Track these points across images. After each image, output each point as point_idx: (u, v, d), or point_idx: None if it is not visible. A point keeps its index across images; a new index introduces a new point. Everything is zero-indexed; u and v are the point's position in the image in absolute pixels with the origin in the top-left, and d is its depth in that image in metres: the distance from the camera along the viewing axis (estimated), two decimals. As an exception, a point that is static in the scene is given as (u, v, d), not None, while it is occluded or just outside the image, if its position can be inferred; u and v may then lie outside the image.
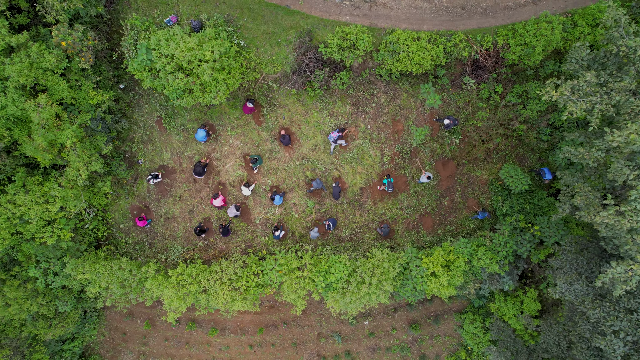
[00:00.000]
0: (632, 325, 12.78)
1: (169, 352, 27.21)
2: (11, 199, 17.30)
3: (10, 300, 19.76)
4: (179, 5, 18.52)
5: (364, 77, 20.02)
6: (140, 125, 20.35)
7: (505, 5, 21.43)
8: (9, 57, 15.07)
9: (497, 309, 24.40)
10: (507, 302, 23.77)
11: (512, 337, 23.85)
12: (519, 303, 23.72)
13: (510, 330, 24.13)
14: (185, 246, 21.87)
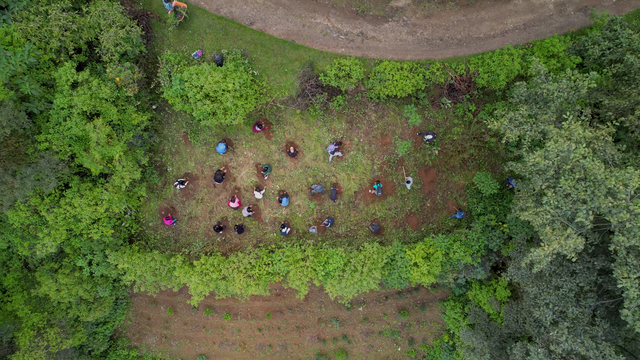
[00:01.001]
0: (558, 298, 17.09)
1: (187, 335, 31.66)
2: (69, 202, 21.71)
3: (62, 285, 24.21)
4: (204, 42, 22.95)
5: (357, 99, 24.43)
6: (169, 139, 24.79)
7: (477, 36, 25.86)
8: (74, 90, 19.48)
9: (474, 297, 28.74)
10: (482, 290, 28.13)
11: (486, 321, 28.14)
12: (492, 291, 28.08)
13: (485, 315, 28.43)
14: (205, 241, 26.31)
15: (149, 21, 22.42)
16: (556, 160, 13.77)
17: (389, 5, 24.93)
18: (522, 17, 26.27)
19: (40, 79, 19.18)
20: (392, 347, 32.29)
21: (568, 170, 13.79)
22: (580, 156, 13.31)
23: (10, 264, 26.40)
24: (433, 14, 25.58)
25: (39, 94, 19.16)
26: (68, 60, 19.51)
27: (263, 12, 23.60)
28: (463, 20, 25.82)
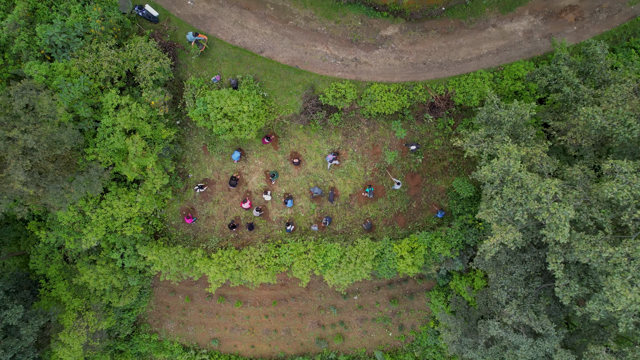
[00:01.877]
0: (511, 282, 21.70)
1: (202, 321, 36.36)
2: (109, 203, 26.39)
3: (100, 275, 28.91)
4: (221, 67, 27.59)
5: (351, 115, 29.07)
6: (191, 150, 29.45)
7: (456, 60, 30.49)
8: (117, 111, 24.14)
9: (455, 286, 33.34)
10: (461, 281, 32.73)
11: (466, 307, 32.73)
12: (470, 281, 32.70)
13: (465, 302, 33.02)
14: (221, 237, 30.99)
15: (175, 51, 27.06)
16: (500, 173, 18.35)
17: (379, 34, 29.56)
18: (495, 43, 30.92)
19: (90, 102, 23.83)
20: (384, 332, 36.91)
21: (509, 180, 18.35)
22: (517, 170, 17.86)
23: (52, 257, 31.09)
24: (417, 41, 30.22)
25: (89, 115, 23.82)
26: (112, 87, 24.16)
27: (271, 41, 28.24)
28: (443, 46, 30.47)
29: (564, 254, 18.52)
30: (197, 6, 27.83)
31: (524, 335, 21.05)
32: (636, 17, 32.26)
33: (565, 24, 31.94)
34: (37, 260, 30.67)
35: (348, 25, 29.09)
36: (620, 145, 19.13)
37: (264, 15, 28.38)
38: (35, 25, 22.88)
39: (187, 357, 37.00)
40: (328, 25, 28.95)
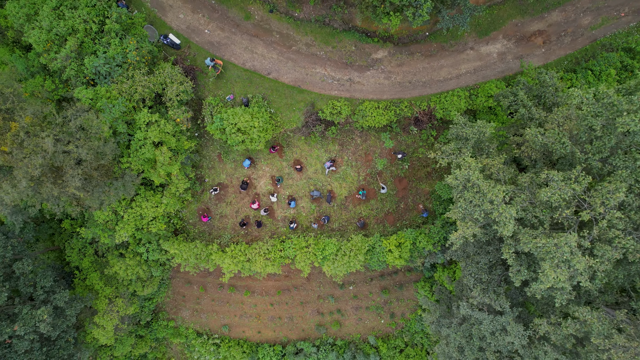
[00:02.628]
0: (477, 269, 26.68)
1: (214, 309, 41.42)
2: (139, 204, 31.44)
3: (128, 266, 33.98)
4: (234, 87, 32.64)
5: (346, 128, 34.13)
6: (207, 158, 34.51)
7: (438, 79, 35.52)
8: (148, 127, 29.19)
9: (439, 277, 38.38)
10: (444, 272, 37.80)
11: (448, 296, 37.74)
12: (452, 273, 37.75)
13: (447, 292, 38.04)
14: (232, 234, 36.05)
15: (195, 73, 32.11)
16: (462, 180, 23.34)
17: (370, 57, 34.59)
18: (473, 63, 35.96)
19: (126, 120, 28.87)
20: (377, 319, 41.96)
21: (470, 186, 23.31)
22: (475, 178, 22.80)
23: (84, 251, 36.15)
24: (404, 63, 35.26)
25: (125, 130, 28.87)
26: (144, 107, 29.22)
27: (277, 64, 33.29)
28: (427, 67, 35.51)
29: (515, 245, 23.51)
30: (213, 34, 32.88)
31: (486, 313, 26.09)
32: (596, 40, 37.36)
33: (534, 47, 36.99)
34: (72, 254, 35.74)
35: (343, 50, 34.12)
36: (560, 157, 24.12)
37: (271, 41, 33.42)
38: (83, 57, 27.93)
39: (201, 342, 42.08)
40: (326, 50, 33.99)
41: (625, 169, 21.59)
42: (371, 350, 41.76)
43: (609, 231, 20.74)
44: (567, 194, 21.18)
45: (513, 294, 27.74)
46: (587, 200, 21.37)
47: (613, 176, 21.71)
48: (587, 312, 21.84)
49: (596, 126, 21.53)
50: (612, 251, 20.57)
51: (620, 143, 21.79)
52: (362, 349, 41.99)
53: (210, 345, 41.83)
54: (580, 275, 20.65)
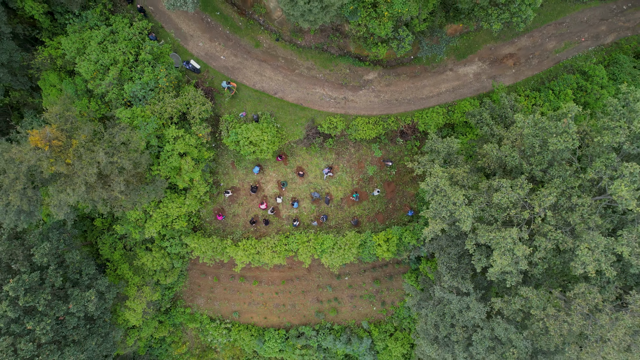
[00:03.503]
0: (449, 259, 33.13)
1: (226, 297, 47.89)
2: (165, 205, 37.93)
3: (154, 258, 40.47)
4: (246, 105, 39.11)
5: (341, 140, 40.61)
6: (222, 165, 41.00)
7: (421, 97, 41.95)
8: (175, 141, 35.66)
9: (423, 269, 44.81)
10: (427, 264, 44.23)
11: (431, 285, 44.19)
12: (434, 265, 44.21)
13: (430, 281, 44.50)
14: (243, 230, 42.54)
15: (213, 94, 38.59)
16: (432, 186, 29.76)
17: (362, 78, 41.04)
18: (452, 83, 42.41)
19: (157, 135, 35.35)
20: (370, 307, 48.40)
21: (438, 191, 29.70)
22: (442, 185, 29.15)
23: (115, 245, 42.63)
24: (392, 83, 41.72)
25: (156, 143, 35.36)
26: (172, 124, 35.71)
27: (282, 86, 39.74)
28: (411, 87, 41.96)
29: (475, 238, 29.94)
30: (227, 60, 39.35)
31: (455, 295, 32.56)
32: (560, 62, 43.86)
33: (506, 68, 43.46)
34: (104, 248, 42.22)
35: (339, 73, 40.58)
36: (512, 168, 30.55)
37: (277, 66, 39.89)
38: (122, 83, 34.42)
39: (214, 326, 48.59)
40: (324, 72, 40.46)
41: (559, 178, 28.04)
42: (364, 334, 48.25)
43: (543, 226, 27.21)
44: (513, 197, 27.63)
45: (479, 280, 34.23)
46: (528, 202, 27.84)
47: (550, 183, 28.18)
48: (529, 290, 28.31)
49: (535, 144, 27.98)
50: (546, 242, 27.03)
51: (555, 157, 28.22)
52: (356, 333, 48.47)
53: (222, 329, 48.34)
54: (521, 260, 27.09)
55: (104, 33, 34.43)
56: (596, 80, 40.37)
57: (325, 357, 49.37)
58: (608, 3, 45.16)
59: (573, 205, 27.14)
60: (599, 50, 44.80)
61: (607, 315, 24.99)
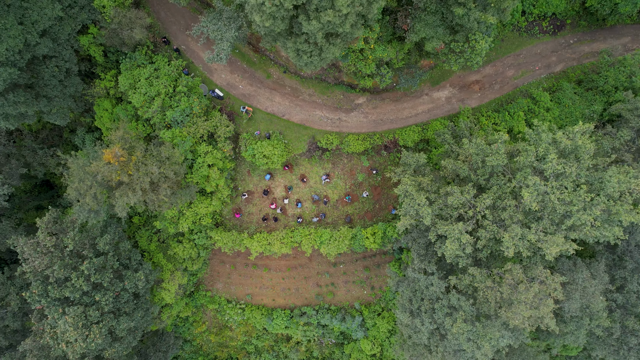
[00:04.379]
0: (419, 247, 43.78)
1: (241, 282, 58.70)
2: (195, 205, 48.78)
3: (185, 248, 51.34)
4: (260, 125, 49.92)
5: (337, 152, 51.44)
6: (240, 173, 51.82)
7: (401, 117, 52.73)
8: (205, 155, 46.48)
9: (404, 258, 55.58)
10: (408, 254, 55.00)
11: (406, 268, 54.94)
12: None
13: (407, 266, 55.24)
14: (257, 226, 53.40)
15: (233, 116, 49.38)
16: (404, 191, 40.39)
17: (353, 102, 51.78)
18: (427, 105, 53.14)
19: (191, 150, 46.15)
20: (361, 291, 59.18)
21: (408, 194, 40.32)
22: (410, 190, 39.73)
23: (150, 238, 53.42)
24: (377, 106, 52.46)
25: (190, 157, 46.17)
26: (202, 141, 46.53)
27: (289, 109, 50.48)
28: (394, 109, 52.69)
29: (436, 231, 40.60)
30: (244, 89, 50.11)
31: (422, 274, 43.29)
32: (517, 87, 54.56)
33: (473, 92, 54.18)
34: (142, 240, 53.02)
35: (334, 98, 51.33)
36: (464, 177, 41.18)
37: (284, 93, 50.65)
38: (165, 109, 45.21)
39: (230, 307, 59.43)
40: (322, 98, 51.21)
41: (496, 185, 38.77)
42: (356, 314, 59.07)
43: (483, 221, 37.94)
44: (462, 200, 38.38)
45: (443, 263, 44.97)
46: (473, 204, 38.60)
47: (489, 190, 38.90)
48: (474, 270, 39.04)
49: (478, 161, 38.72)
50: (485, 233, 37.74)
51: (493, 170, 38.94)
52: (349, 313, 59.30)
53: (237, 309, 59.21)
54: (466, 246, 37.77)
55: (149, 71, 45.22)
56: (542, 104, 51.05)
57: (324, 332, 60.20)
58: (558, 38, 55.85)
59: (505, 206, 37.85)
60: (550, 78, 55.52)
61: (524, 285, 35.70)
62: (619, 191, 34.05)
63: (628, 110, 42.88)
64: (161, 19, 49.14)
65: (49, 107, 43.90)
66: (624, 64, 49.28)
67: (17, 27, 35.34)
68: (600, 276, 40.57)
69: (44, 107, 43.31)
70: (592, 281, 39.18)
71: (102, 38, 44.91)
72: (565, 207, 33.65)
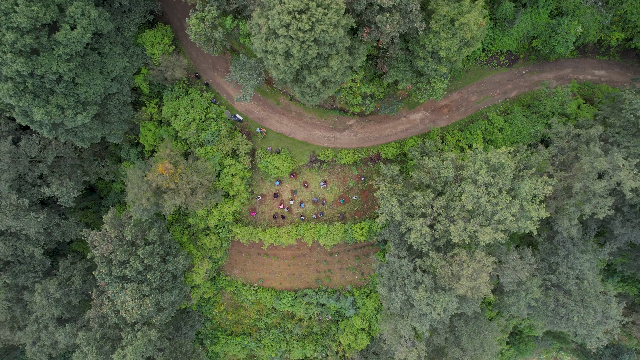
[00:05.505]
0: (394, 237, 58.77)
1: (254, 268, 73.97)
2: (221, 206, 64.14)
3: (211, 240, 66.72)
4: (272, 143, 65.25)
5: (332, 164, 66.74)
6: (255, 180, 67.17)
7: (384, 135, 68.08)
8: (230, 166, 61.85)
9: (387, 248, 70.76)
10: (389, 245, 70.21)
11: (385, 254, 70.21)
12: (394, 245, 70.29)
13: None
14: (268, 222, 68.75)
15: (250, 136, 64.67)
16: (381, 195, 55.41)
17: (345, 124, 67.02)
18: (405, 125, 68.44)
19: (219, 163, 61.45)
20: (353, 276, 74.46)
21: (385, 197, 55.27)
22: (386, 194, 54.61)
23: (183, 231, 68.72)
24: (365, 126, 67.71)
25: (218, 169, 61.49)
26: (228, 156, 61.85)
27: (294, 129, 65.72)
28: (378, 129, 67.95)
29: (405, 225, 55.64)
30: (259, 114, 65.36)
31: (397, 258, 58.41)
32: (479, 110, 69.75)
33: (442, 114, 69.39)
34: (175, 234, 68.28)
35: (330, 120, 66.53)
36: (427, 185, 56.19)
37: (291, 117, 65.87)
38: (199, 132, 60.42)
39: (245, 289, 74.72)
40: (321, 120, 66.42)
41: (449, 191, 53.86)
42: (349, 294, 74.32)
43: (439, 218, 53.03)
44: (423, 202, 53.51)
45: (412, 250, 60.07)
46: (431, 205, 53.73)
47: (444, 194, 53.99)
48: (434, 254, 54.12)
49: (436, 172, 53.81)
50: (440, 226, 52.79)
51: (447, 180, 54.02)
52: (343, 294, 74.53)
53: (251, 291, 74.48)
54: (426, 236, 52.80)
55: (187, 101, 60.49)
56: (495, 125, 66.14)
57: (322, 311, 75.43)
58: (512, 69, 71.02)
59: (454, 206, 52.91)
60: (506, 102, 70.67)
61: (467, 264, 50.75)
62: (530, 195, 49.11)
63: (552, 133, 57.90)
64: (193, 58, 64.37)
65: (110, 130, 59.15)
66: (557, 95, 64.33)
67: (100, 77, 50.55)
68: (527, 259, 55.72)
69: (107, 131, 58.57)
70: (520, 262, 54.28)
71: (150, 77, 60.17)
72: (492, 207, 48.72)
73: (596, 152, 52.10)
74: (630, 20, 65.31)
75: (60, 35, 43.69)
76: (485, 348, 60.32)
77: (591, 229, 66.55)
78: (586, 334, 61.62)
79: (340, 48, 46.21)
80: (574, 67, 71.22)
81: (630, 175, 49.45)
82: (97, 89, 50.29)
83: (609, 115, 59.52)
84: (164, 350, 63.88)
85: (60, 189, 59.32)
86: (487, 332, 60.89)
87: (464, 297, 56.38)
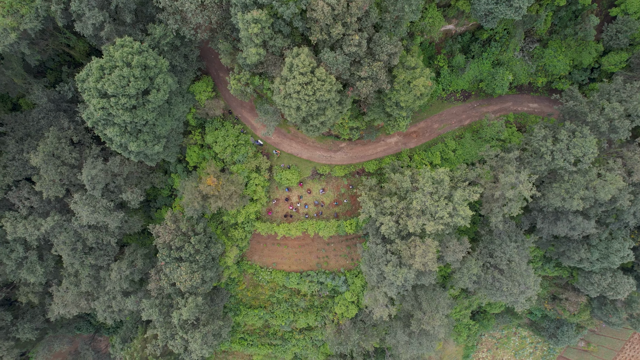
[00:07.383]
0: (373, 229, 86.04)
1: (270, 255, 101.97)
2: (247, 207, 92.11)
3: (239, 232, 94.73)
4: (284, 161, 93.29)
5: (329, 176, 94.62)
6: (272, 187, 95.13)
7: (367, 155, 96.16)
8: (254, 179, 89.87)
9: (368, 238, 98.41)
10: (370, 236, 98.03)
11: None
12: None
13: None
14: (281, 220, 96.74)
15: (269, 156, 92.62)
16: (363, 200, 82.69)
17: (338, 146, 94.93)
18: (383, 147, 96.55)
19: (247, 176, 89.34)
20: (345, 261, 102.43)
21: (365, 201, 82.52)
22: (366, 199, 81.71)
23: (217, 226, 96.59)
24: (354, 148, 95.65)
25: (246, 180, 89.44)
26: (253, 172, 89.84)
27: (301, 151, 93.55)
28: (363, 149, 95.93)
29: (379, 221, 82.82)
30: (274, 139, 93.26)
31: (374, 244, 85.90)
32: (440, 135, 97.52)
33: (412, 138, 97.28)
34: (212, 227, 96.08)
35: (327, 144, 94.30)
36: (395, 193, 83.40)
37: (298, 141, 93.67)
38: (232, 154, 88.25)
39: (262, 271, 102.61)
40: (320, 144, 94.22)
41: (408, 197, 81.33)
42: (342, 275, 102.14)
43: (401, 215, 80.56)
44: (390, 204, 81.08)
45: (385, 239, 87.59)
46: (396, 206, 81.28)
47: (406, 199, 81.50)
48: (399, 241, 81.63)
49: (401, 185, 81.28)
50: (402, 221, 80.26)
51: (408, 190, 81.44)
52: (337, 274, 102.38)
53: (266, 272, 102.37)
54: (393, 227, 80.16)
55: (224, 132, 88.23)
56: (450, 147, 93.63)
57: (321, 287, 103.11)
58: (467, 103, 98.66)
59: (411, 207, 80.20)
60: (460, 129, 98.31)
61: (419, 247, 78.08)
62: (462, 200, 76.46)
63: (486, 155, 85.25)
64: (227, 99, 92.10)
65: (168, 153, 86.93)
66: (494, 125, 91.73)
67: (169, 119, 78.31)
68: (465, 244, 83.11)
69: (166, 153, 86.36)
70: (460, 247, 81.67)
71: (197, 114, 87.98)
72: (434, 208, 76.06)
73: (509, 170, 79.48)
74: (549, 70, 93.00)
75: (152, 96, 71.28)
76: (439, 309, 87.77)
77: (524, 224, 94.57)
78: (514, 300, 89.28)
79: (333, 103, 73.79)
80: (514, 100, 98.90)
81: (527, 187, 76.85)
82: (167, 127, 78.04)
83: (527, 142, 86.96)
84: (205, 312, 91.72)
85: (132, 195, 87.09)
86: (440, 299, 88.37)
87: (422, 272, 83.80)
